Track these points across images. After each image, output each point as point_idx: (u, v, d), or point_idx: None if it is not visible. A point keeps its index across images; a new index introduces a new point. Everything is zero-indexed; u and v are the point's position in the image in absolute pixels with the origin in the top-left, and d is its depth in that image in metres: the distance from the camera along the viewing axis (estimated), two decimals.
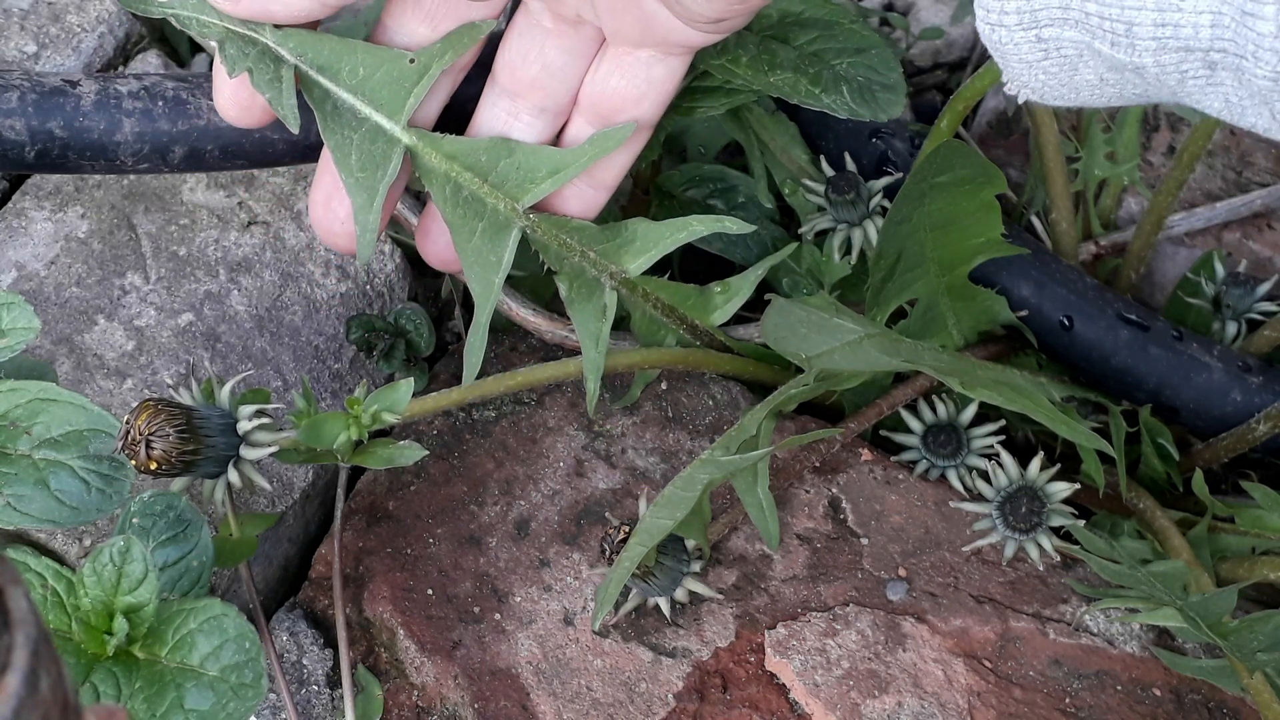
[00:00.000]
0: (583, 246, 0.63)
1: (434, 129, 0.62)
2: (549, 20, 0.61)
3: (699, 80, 0.66)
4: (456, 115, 0.63)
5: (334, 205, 0.63)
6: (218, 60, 0.60)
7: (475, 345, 0.63)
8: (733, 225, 0.63)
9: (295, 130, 0.59)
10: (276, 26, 0.59)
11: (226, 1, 0.59)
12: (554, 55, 0.61)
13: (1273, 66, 0.40)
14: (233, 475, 0.61)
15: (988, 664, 0.64)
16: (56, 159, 0.65)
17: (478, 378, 0.65)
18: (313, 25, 0.61)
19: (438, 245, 0.64)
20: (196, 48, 0.83)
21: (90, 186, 0.75)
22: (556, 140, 0.63)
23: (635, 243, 0.63)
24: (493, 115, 0.63)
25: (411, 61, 0.60)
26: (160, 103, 0.65)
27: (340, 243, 0.64)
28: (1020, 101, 0.49)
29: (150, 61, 0.80)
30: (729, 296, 0.68)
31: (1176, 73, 0.43)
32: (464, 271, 0.63)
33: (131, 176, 0.75)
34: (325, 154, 0.62)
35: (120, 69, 0.79)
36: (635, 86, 0.61)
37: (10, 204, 0.75)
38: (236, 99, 0.61)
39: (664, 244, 0.63)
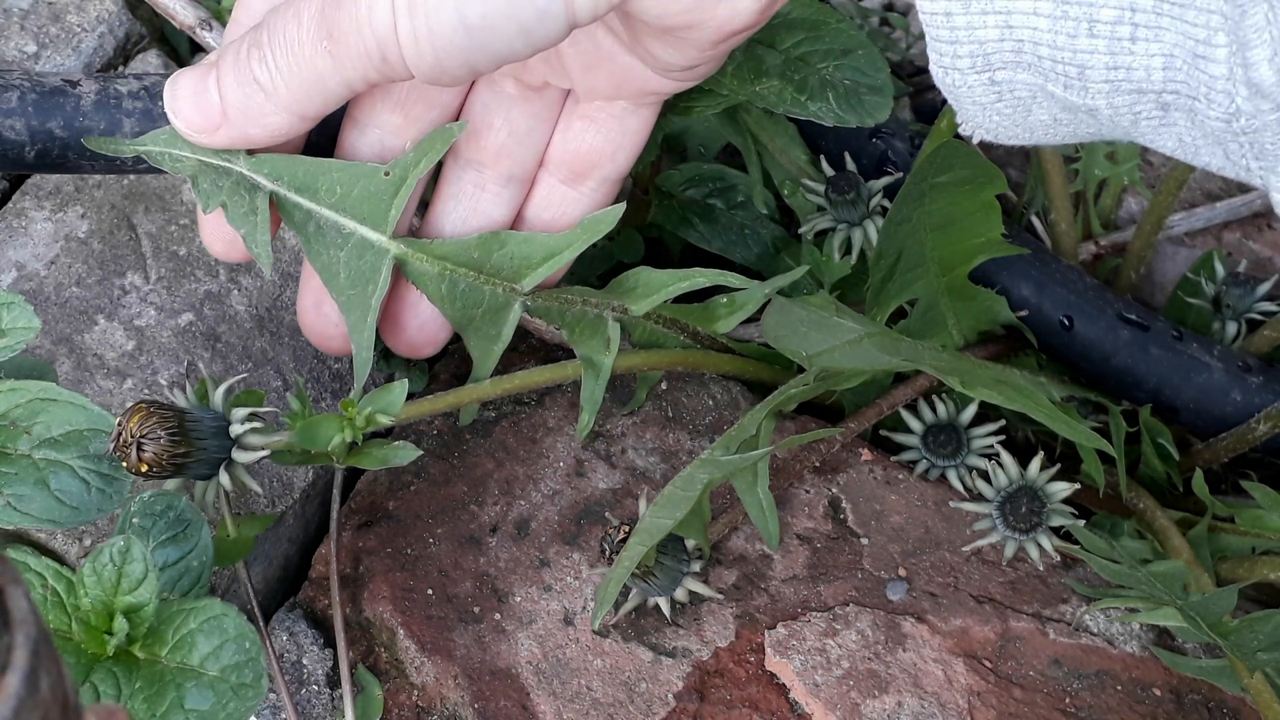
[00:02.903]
0: (584, 298, 0.63)
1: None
2: (513, 87, 0.61)
3: None
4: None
5: (325, 309, 0.62)
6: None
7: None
8: (735, 280, 0.63)
9: (268, 274, 0.59)
10: (250, 153, 0.58)
11: (203, 134, 0.57)
12: (520, 121, 0.61)
13: (1225, 108, 0.40)
14: (224, 478, 0.60)
15: (988, 664, 0.64)
16: (56, 159, 0.65)
17: None
18: (291, 147, 0.60)
19: (409, 331, 0.64)
20: (197, 48, 0.83)
21: (90, 186, 0.75)
22: (524, 204, 0.63)
23: (637, 290, 0.64)
24: (459, 189, 0.62)
25: (386, 174, 0.59)
26: (160, 103, 0.65)
27: (335, 345, 0.64)
28: (975, 142, 0.50)
29: (150, 61, 0.80)
30: (733, 310, 0.68)
31: (1130, 114, 0.43)
32: (465, 341, 0.64)
33: (131, 176, 0.75)
34: (309, 262, 0.62)
35: (120, 69, 0.79)
36: (610, 140, 0.61)
37: (10, 204, 0.75)
38: (220, 235, 0.61)
39: (666, 291, 0.63)
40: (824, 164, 0.75)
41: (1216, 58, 0.40)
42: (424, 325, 0.63)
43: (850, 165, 0.75)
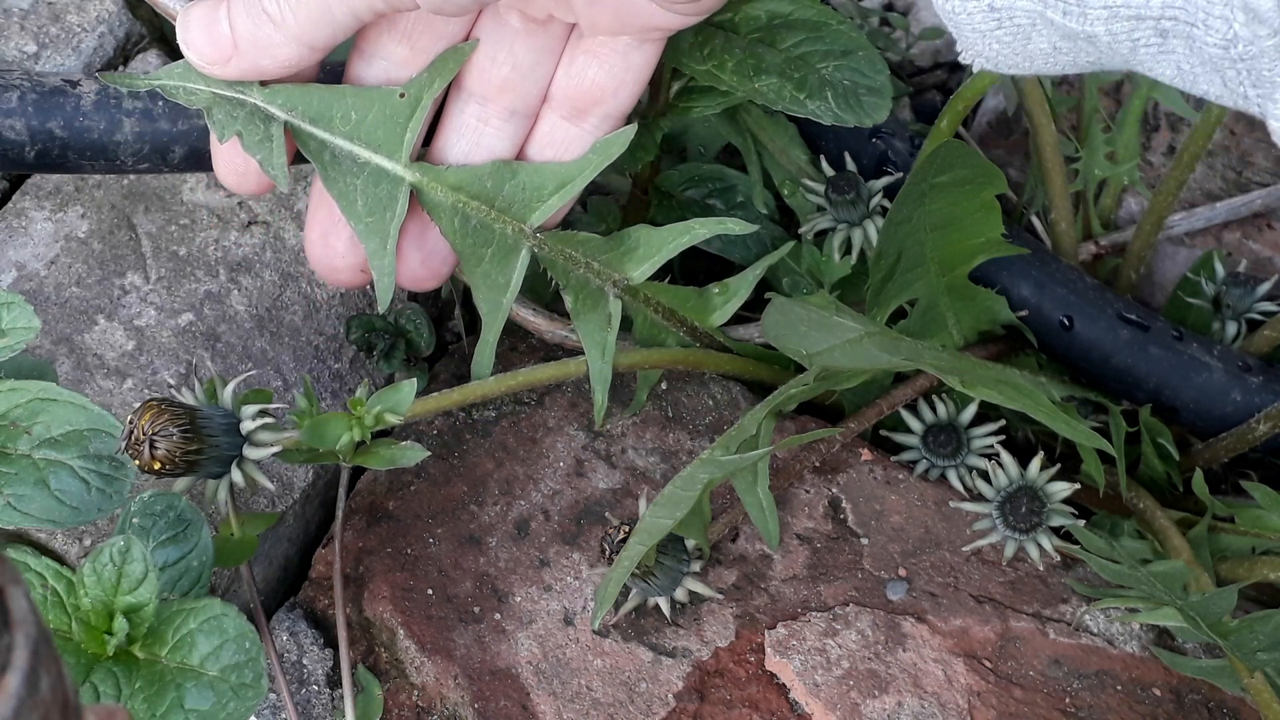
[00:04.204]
0: (587, 258, 0.63)
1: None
2: (518, 20, 0.61)
3: (694, 79, 0.66)
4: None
5: (331, 241, 0.63)
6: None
7: (483, 362, 0.65)
8: (735, 226, 0.63)
9: (286, 190, 0.59)
10: (263, 84, 0.59)
11: (215, 65, 0.58)
12: (524, 55, 0.61)
13: (1222, 34, 0.40)
14: (236, 475, 0.61)
15: (988, 664, 0.64)
16: (56, 159, 0.65)
17: None
18: (304, 78, 0.60)
19: (411, 264, 0.64)
20: None
21: (90, 186, 0.75)
22: (526, 141, 0.63)
23: (638, 250, 0.64)
24: (461, 122, 0.62)
25: (402, 96, 0.59)
26: (160, 103, 0.64)
27: (342, 278, 0.64)
28: (975, 70, 0.50)
29: (150, 61, 0.80)
30: (728, 298, 0.68)
31: (1129, 41, 0.43)
32: (472, 292, 0.64)
33: (131, 176, 0.75)
34: (317, 191, 0.62)
35: (120, 69, 0.79)
36: (613, 76, 0.61)
37: (10, 204, 0.75)
38: (232, 166, 0.61)
39: (666, 250, 0.63)
40: (824, 164, 0.75)
41: None
42: (428, 258, 0.64)
43: (850, 165, 0.75)
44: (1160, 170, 0.84)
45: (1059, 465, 0.67)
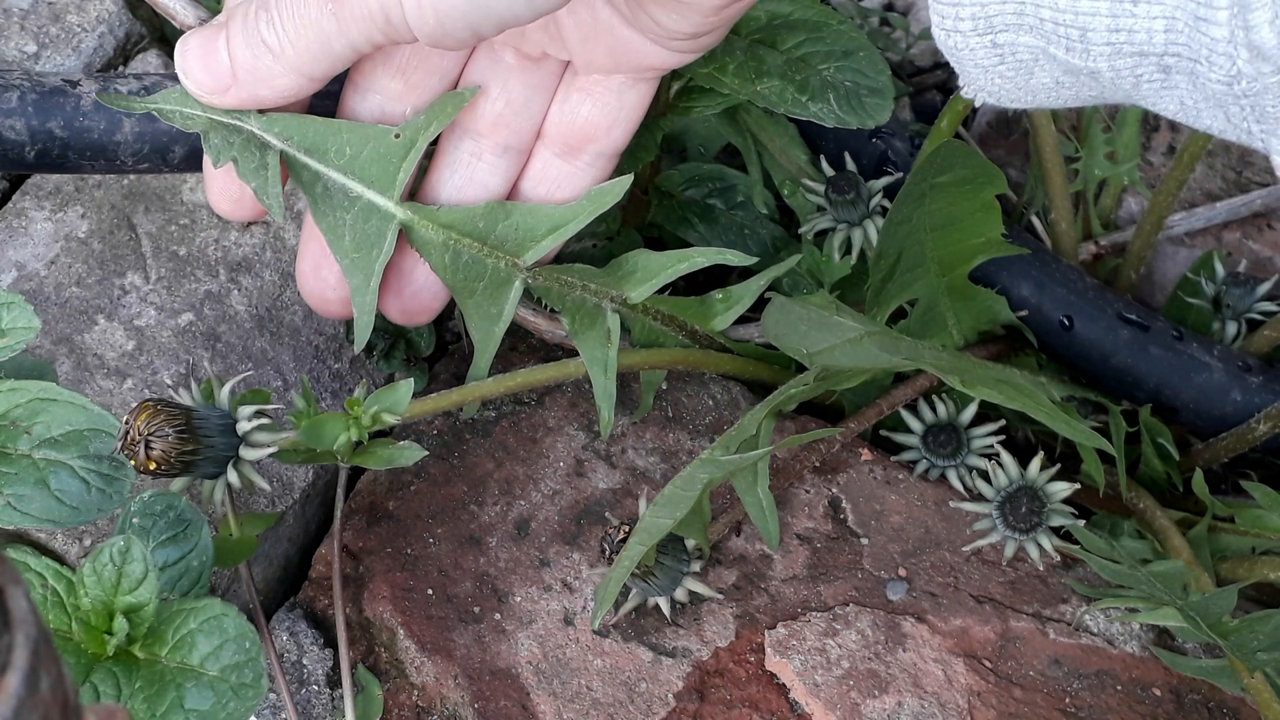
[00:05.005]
0: (583, 283, 0.63)
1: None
2: (512, 57, 0.61)
3: (695, 79, 0.66)
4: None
5: (324, 273, 0.63)
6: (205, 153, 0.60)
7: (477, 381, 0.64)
8: (734, 258, 0.63)
9: (280, 220, 0.59)
10: (261, 112, 0.59)
11: (213, 95, 0.58)
12: (518, 91, 0.61)
13: (1226, 70, 0.40)
14: (232, 476, 0.61)
15: (988, 664, 0.64)
16: (56, 159, 0.65)
17: None
18: (298, 106, 0.60)
19: (403, 298, 0.64)
20: None
21: (90, 186, 0.75)
22: (519, 177, 0.63)
23: (636, 274, 0.64)
24: (455, 158, 0.62)
25: (397, 136, 0.59)
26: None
27: (333, 309, 0.64)
28: (977, 104, 0.50)
29: (150, 61, 0.80)
30: (730, 304, 0.68)
31: (1131, 76, 0.43)
32: (465, 320, 0.64)
33: (131, 176, 0.75)
34: (308, 224, 0.62)
35: (120, 69, 0.79)
36: (607, 114, 0.61)
37: (10, 204, 0.75)
38: (226, 193, 0.61)
39: (664, 274, 0.63)
40: (824, 164, 0.75)
41: (1218, 20, 0.40)
42: (418, 293, 0.64)
43: (850, 165, 0.75)
44: (1160, 170, 0.84)
45: (1059, 465, 0.67)
